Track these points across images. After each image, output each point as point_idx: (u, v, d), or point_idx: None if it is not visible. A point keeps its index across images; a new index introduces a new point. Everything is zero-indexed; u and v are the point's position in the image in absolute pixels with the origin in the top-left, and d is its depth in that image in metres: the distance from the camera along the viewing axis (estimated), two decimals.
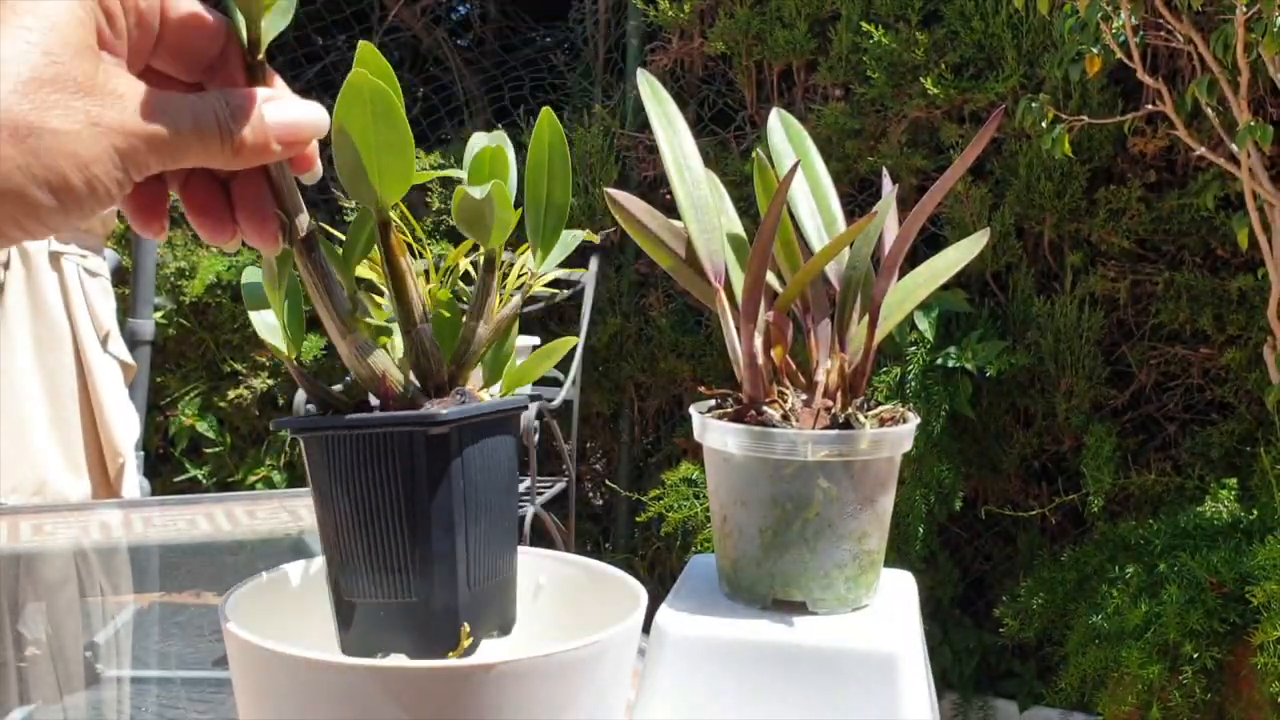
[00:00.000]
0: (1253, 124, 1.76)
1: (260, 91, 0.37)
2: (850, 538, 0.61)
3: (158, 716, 0.89)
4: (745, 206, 2.46)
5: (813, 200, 0.72)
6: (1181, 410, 2.36)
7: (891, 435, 0.61)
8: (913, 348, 2.34)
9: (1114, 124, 2.19)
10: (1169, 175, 2.33)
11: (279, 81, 0.39)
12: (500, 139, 0.45)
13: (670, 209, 0.66)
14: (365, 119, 0.38)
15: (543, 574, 0.54)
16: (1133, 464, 2.31)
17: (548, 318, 3.00)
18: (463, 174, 0.45)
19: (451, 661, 0.41)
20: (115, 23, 0.34)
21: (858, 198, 2.59)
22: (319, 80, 3.54)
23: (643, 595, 0.48)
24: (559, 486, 2.66)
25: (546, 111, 0.45)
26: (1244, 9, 1.69)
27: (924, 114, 2.45)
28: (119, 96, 0.33)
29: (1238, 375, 2.22)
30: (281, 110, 0.37)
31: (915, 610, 0.65)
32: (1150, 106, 2.00)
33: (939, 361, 2.31)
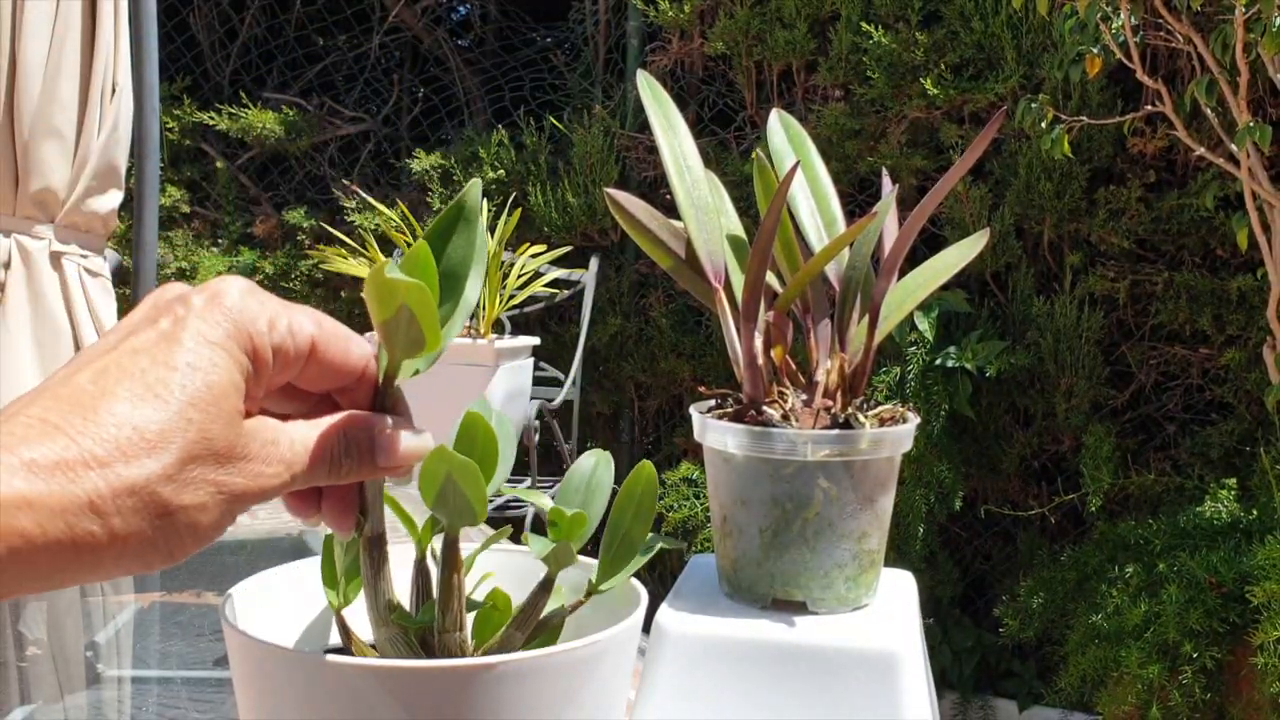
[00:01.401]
0: (1252, 124, 1.76)
1: (374, 419, 0.40)
2: (850, 537, 0.61)
3: (158, 716, 0.89)
4: (745, 207, 2.46)
5: (813, 200, 0.72)
6: (1181, 410, 2.36)
7: (891, 435, 0.61)
8: (912, 348, 2.34)
9: (1114, 124, 2.19)
10: (1168, 175, 2.33)
11: (403, 402, 0.42)
12: (607, 463, 0.53)
13: (670, 209, 0.66)
14: (449, 478, 0.41)
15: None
16: (1132, 464, 2.31)
17: (548, 317, 3.01)
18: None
19: (452, 661, 0.41)
20: (263, 375, 0.37)
21: (857, 198, 2.59)
22: (319, 80, 3.54)
23: (643, 595, 0.48)
24: (559, 486, 2.65)
25: (647, 467, 0.50)
26: (1243, 9, 1.69)
27: (924, 114, 2.45)
28: (247, 460, 0.35)
29: (1237, 375, 2.22)
30: (395, 442, 0.40)
31: (915, 610, 0.65)
32: (1150, 107, 2.00)
33: (939, 361, 2.31)
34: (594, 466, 0.52)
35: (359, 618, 0.47)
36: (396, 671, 0.39)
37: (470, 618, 0.47)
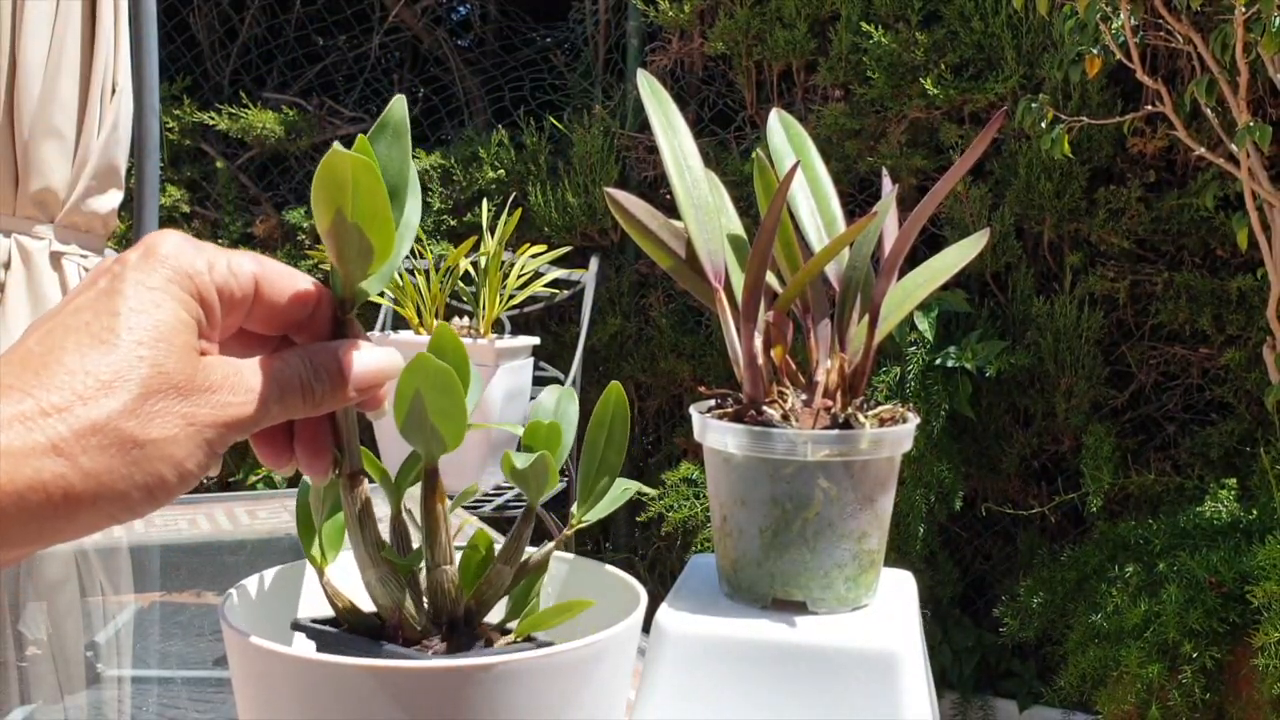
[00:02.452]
0: (1252, 124, 1.76)
1: (339, 344, 0.40)
2: (850, 537, 0.61)
3: (158, 716, 0.89)
4: (745, 206, 2.46)
5: (813, 200, 0.72)
6: (1181, 410, 2.36)
7: (891, 435, 0.61)
8: (912, 348, 2.34)
9: (1113, 124, 2.19)
10: (1168, 175, 2.33)
11: (361, 332, 0.42)
12: (570, 396, 0.51)
13: (670, 209, 0.66)
14: (427, 388, 0.41)
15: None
16: (1132, 464, 2.31)
17: (548, 317, 3.01)
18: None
19: (451, 660, 0.41)
20: (212, 315, 0.37)
21: (857, 197, 2.59)
22: (319, 80, 3.54)
23: (642, 594, 0.48)
24: (559, 486, 2.66)
25: (615, 386, 0.49)
26: (1243, 9, 1.69)
27: (924, 114, 2.45)
28: (211, 391, 0.36)
29: (1237, 375, 2.22)
30: (362, 360, 0.40)
31: (915, 610, 0.65)
32: (1150, 107, 2.00)
33: (938, 361, 2.31)
34: (558, 400, 0.51)
35: (344, 579, 0.47)
36: (395, 671, 0.39)
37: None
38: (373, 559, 0.44)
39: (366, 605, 0.46)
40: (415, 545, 0.46)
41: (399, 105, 0.42)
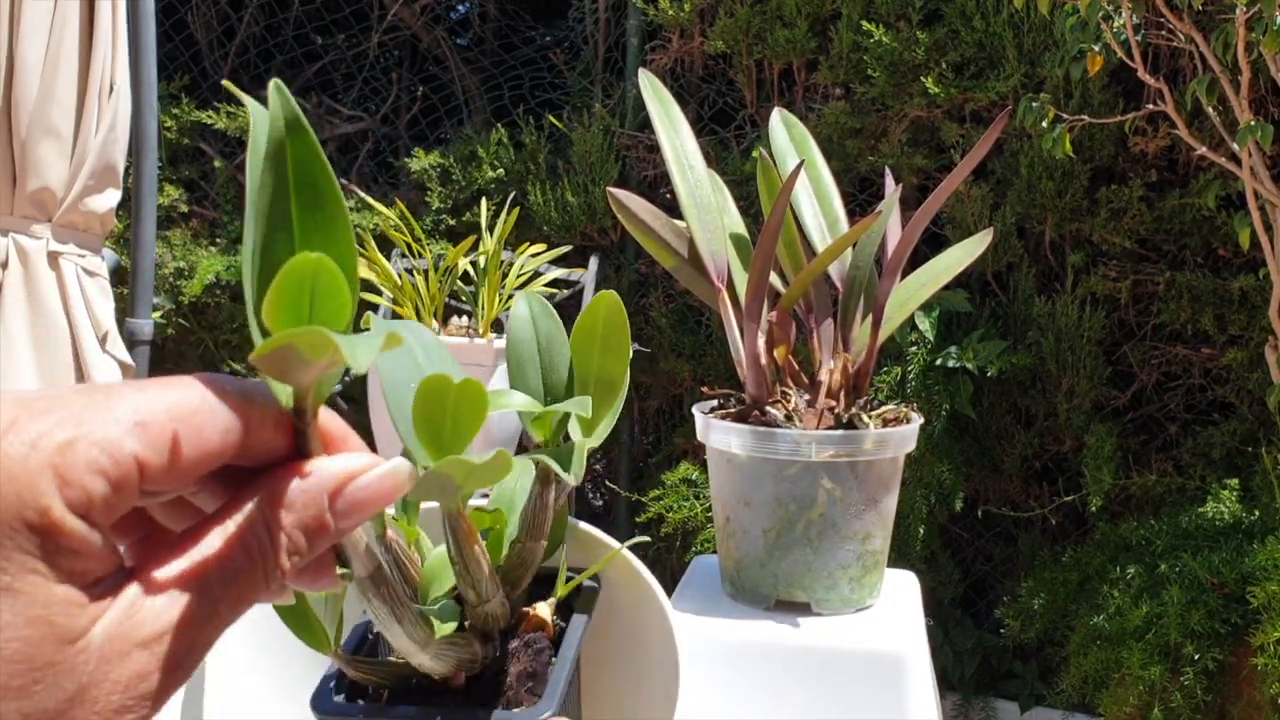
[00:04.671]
0: (1254, 123, 1.76)
1: (322, 477, 0.29)
2: (854, 538, 0.60)
3: (158, 716, 0.88)
4: (745, 206, 2.45)
5: (815, 200, 0.71)
6: (1183, 410, 2.35)
7: (895, 435, 0.61)
8: (913, 347, 2.33)
9: (1115, 123, 2.19)
10: (1170, 175, 2.33)
11: (339, 424, 0.31)
12: (538, 301, 0.46)
13: (670, 208, 0.65)
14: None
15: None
16: (1134, 464, 2.30)
17: None
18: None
19: None
20: (89, 539, 0.25)
21: (858, 197, 2.58)
22: (319, 80, 3.53)
23: (667, 607, 0.47)
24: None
25: (608, 294, 0.42)
26: (1244, 8, 1.69)
27: (925, 113, 2.45)
28: (94, 687, 0.25)
29: (1239, 375, 2.22)
30: (356, 491, 0.29)
31: (919, 610, 0.64)
32: (1151, 106, 1.99)
33: (940, 361, 2.30)
34: (530, 311, 0.44)
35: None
36: None
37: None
38: (422, 643, 0.39)
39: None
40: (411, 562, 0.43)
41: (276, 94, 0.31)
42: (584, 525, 0.49)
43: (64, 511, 0.24)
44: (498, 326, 2.56)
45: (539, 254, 2.40)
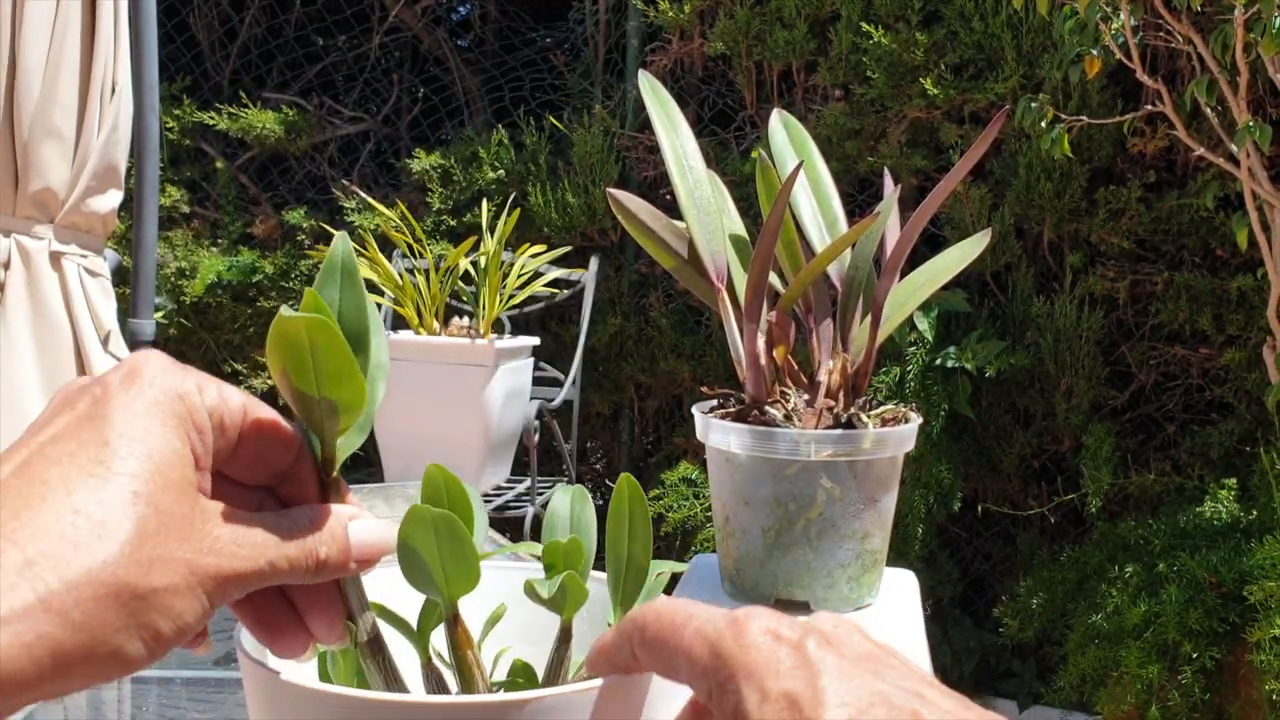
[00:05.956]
0: (1252, 124, 1.76)
1: (341, 510, 0.37)
2: (853, 537, 0.61)
3: (158, 716, 0.89)
4: (744, 206, 2.45)
5: (814, 201, 0.72)
6: (1181, 410, 2.36)
7: (894, 435, 0.61)
8: (912, 348, 2.34)
9: (1113, 124, 2.19)
10: (1168, 175, 2.33)
11: (350, 493, 0.39)
12: (583, 497, 0.49)
13: (670, 209, 0.66)
14: (430, 538, 0.39)
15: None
16: (1132, 464, 2.31)
17: (547, 317, 3.01)
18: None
19: (481, 698, 0.40)
20: (205, 439, 0.34)
21: (858, 197, 2.59)
22: (319, 80, 3.53)
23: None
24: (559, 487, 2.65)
25: (625, 479, 0.46)
26: (1243, 9, 1.69)
27: (924, 114, 2.46)
28: (214, 539, 0.32)
29: (1237, 375, 2.22)
30: (361, 531, 0.37)
31: (918, 609, 0.65)
32: (1150, 107, 2.00)
33: (938, 361, 2.31)
34: (571, 503, 0.48)
35: None
36: (423, 708, 0.37)
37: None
38: None
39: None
40: (452, 688, 0.44)
41: (341, 243, 0.39)
42: None
43: (198, 401, 0.33)
44: (498, 326, 2.56)
45: (539, 254, 2.41)
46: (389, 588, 0.45)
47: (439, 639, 0.44)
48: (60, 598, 0.28)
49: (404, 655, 0.43)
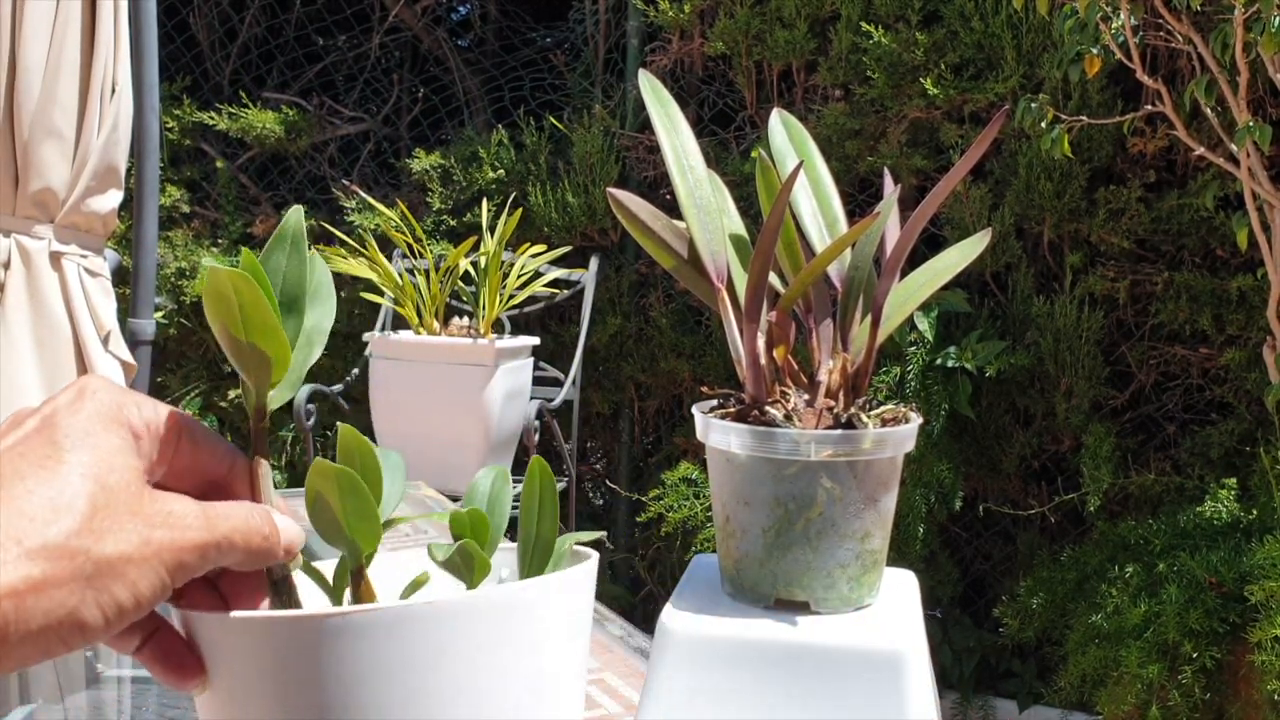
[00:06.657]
0: (1252, 124, 1.76)
1: (267, 504, 0.41)
2: (853, 537, 0.61)
3: (158, 716, 0.89)
4: (745, 206, 2.45)
5: (814, 201, 0.72)
6: (1181, 410, 2.36)
7: (894, 435, 0.61)
8: (912, 348, 2.34)
9: (1113, 124, 2.19)
10: (1168, 175, 2.34)
11: (267, 451, 0.43)
12: (504, 478, 0.53)
13: (670, 209, 0.66)
14: (334, 491, 0.42)
15: (505, 568, 0.54)
16: (1132, 464, 2.31)
17: (547, 317, 3.01)
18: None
19: (307, 611, 0.41)
20: (143, 445, 0.37)
21: (858, 197, 2.59)
22: (319, 80, 3.54)
23: (590, 556, 0.50)
24: (559, 487, 2.65)
25: (537, 460, 0.51)
26: (1243, 9, 1.69)
27: (924, 114, 2.46)
28: (167, 514, 0.36)
29: (1237, 375, 2.22)
30: (282, 521, 0.40)
31: (918, 609, 0.65)
32: (1150, 107, 2.00)
33: (939, 361, 2.31)
34: (491, 482, 0.52)
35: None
36: (259, 622, 0.39)
37: None
38: None
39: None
40: None
41: (295, 215, 0.42)
42: None
43: (136, 414, 0.37)
44: (498, 326, 2.56)
45: (539, 254, 2.41)
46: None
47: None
48: (19, 562, 0.31)
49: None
